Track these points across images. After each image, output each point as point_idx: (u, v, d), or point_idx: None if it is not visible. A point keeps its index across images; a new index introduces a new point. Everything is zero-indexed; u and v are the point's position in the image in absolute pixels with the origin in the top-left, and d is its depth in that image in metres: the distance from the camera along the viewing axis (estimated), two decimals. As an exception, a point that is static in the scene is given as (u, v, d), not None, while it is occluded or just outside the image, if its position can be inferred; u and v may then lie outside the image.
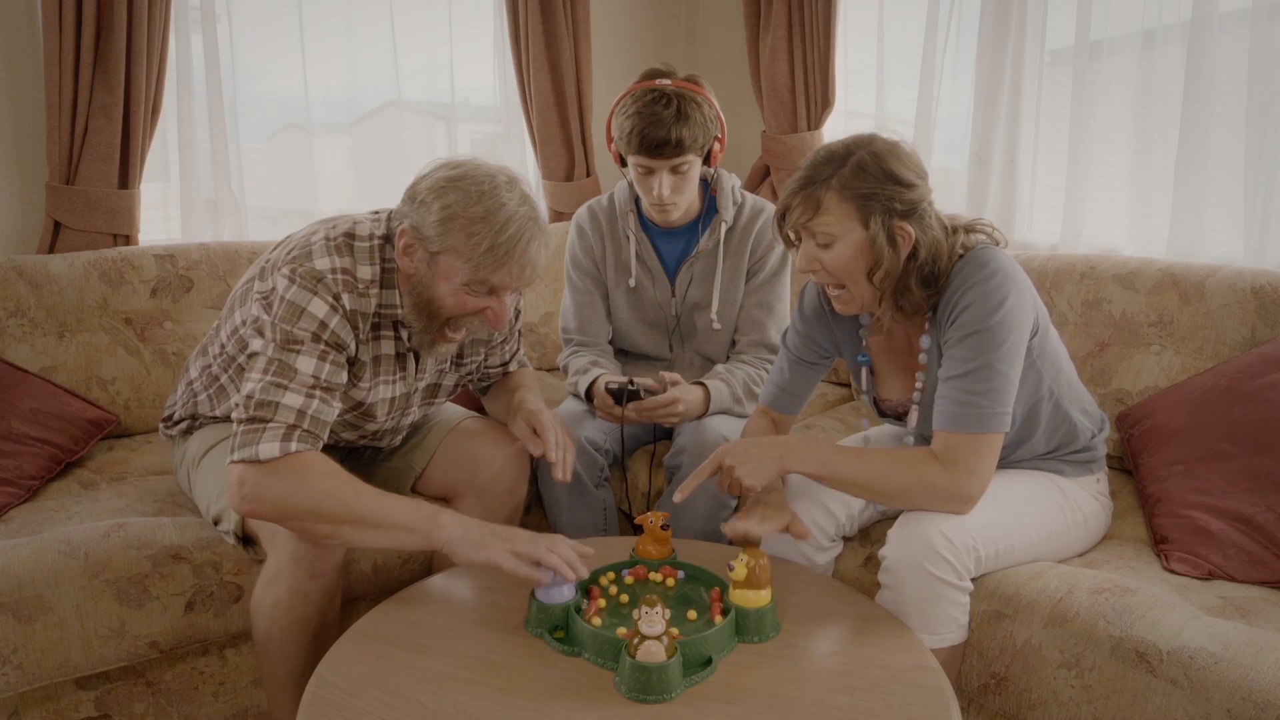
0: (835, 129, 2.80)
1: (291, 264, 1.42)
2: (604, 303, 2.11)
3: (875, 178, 1.36)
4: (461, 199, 1.38)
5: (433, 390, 1.69)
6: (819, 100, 2.73)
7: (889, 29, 2.66)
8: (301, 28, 2.56)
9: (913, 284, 1.40)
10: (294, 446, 1.34)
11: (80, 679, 1.54)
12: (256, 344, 1.42)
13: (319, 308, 1.40)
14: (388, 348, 1.54)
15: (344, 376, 1.45)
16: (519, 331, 1.83)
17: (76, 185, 2.18)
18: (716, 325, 2.02)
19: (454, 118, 2.93)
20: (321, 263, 1.42)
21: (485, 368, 1.80)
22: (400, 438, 1.75)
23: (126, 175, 2.22)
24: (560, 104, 2.89)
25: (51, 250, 2.20)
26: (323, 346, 1.41)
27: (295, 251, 1.45)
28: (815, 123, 2.76)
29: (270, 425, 1.34)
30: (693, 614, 1.30)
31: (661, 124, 1.79)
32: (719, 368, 2.00)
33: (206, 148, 2.43)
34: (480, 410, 1.95)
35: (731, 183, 2.02)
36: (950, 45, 2.48)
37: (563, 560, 1.28)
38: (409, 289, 1.46)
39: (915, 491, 1.38)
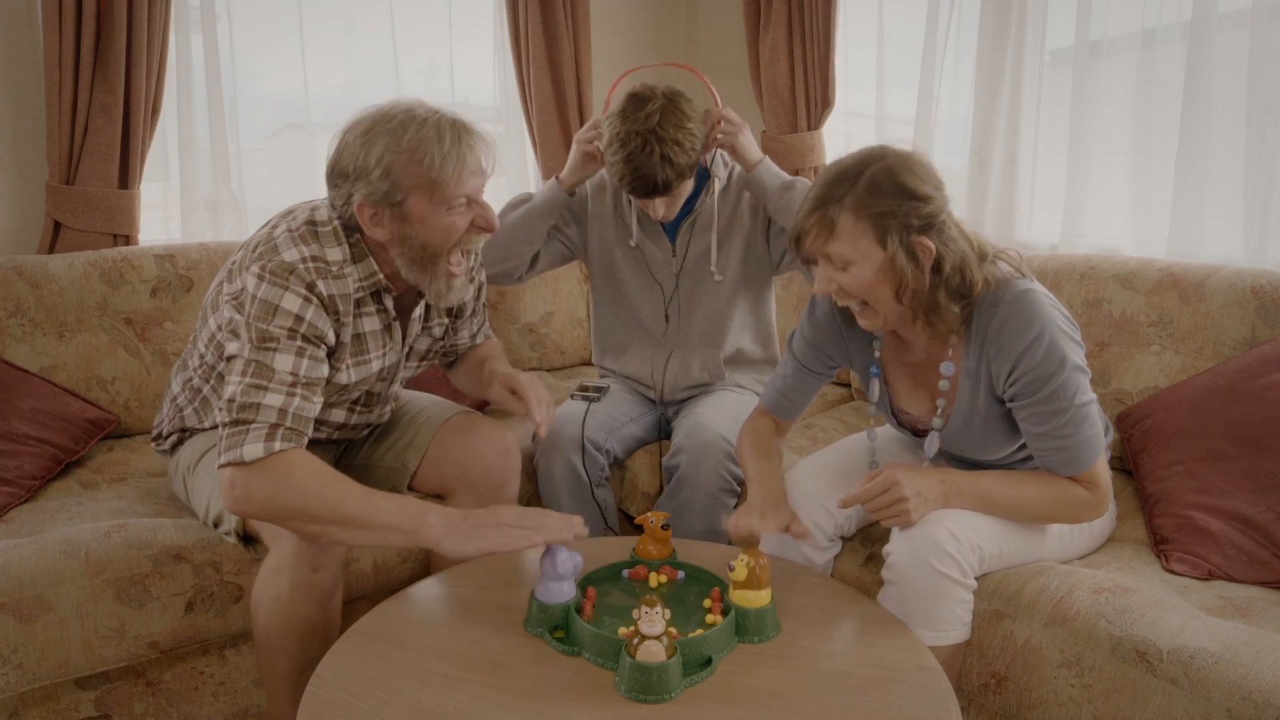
0: (835, 129, 2.80)
1: (259, 260, 1.41)
2: (553, 260, 2.10)
3: (890, 194, 1.32)
4: (388, 141, 1.37)
5: (409, 354, 1.69)
6: (819, 100, 2.73)
7: (889, 29, 2.65)
8: (301, 28, 2.56)
9: (942, 299, 1.37)
10: (278, 446, 1.33)
11: (80, 679, 1.54)
12: (233, 346, 1.41)
13: (292, 302, 1.39)
14: (370, 324, 1.53)
15: (324, 370, 1.43)
16: (484, 306, 1.83)
17: (76, 185, 2.18)
18: (718, 277, 2.02)
19: (454, 118, 2.93)
20: (290, 254, 1.41)
21: (454, 341, 1.79)
22: (389, 410, 1.73)
23: (126, 175, 2.22)
24: (560, 104, 2.88)
25: (51, 250, 2.20)
26: (299, 342, 1.39)
27: (261, 248, 1.43)
28: (815, 122, 2.76)
29: (253, 426, 1.33)
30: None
31: (648, 175, 1.81)
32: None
33: (206, 148, 2.43)
34: (472, 407, 1.94)
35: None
36: (950, 45, 2.48)
37: (554, 527, 1.30)
38: (400, 253, 1.45)
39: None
